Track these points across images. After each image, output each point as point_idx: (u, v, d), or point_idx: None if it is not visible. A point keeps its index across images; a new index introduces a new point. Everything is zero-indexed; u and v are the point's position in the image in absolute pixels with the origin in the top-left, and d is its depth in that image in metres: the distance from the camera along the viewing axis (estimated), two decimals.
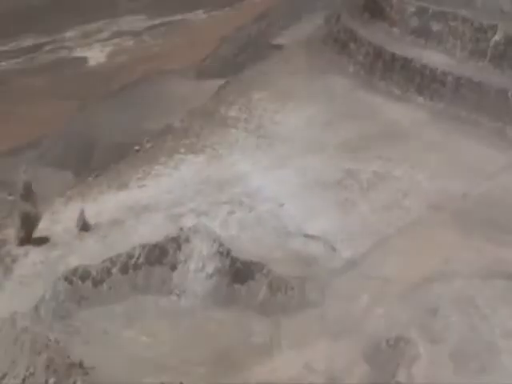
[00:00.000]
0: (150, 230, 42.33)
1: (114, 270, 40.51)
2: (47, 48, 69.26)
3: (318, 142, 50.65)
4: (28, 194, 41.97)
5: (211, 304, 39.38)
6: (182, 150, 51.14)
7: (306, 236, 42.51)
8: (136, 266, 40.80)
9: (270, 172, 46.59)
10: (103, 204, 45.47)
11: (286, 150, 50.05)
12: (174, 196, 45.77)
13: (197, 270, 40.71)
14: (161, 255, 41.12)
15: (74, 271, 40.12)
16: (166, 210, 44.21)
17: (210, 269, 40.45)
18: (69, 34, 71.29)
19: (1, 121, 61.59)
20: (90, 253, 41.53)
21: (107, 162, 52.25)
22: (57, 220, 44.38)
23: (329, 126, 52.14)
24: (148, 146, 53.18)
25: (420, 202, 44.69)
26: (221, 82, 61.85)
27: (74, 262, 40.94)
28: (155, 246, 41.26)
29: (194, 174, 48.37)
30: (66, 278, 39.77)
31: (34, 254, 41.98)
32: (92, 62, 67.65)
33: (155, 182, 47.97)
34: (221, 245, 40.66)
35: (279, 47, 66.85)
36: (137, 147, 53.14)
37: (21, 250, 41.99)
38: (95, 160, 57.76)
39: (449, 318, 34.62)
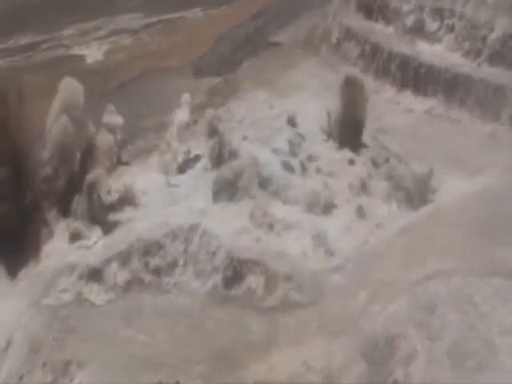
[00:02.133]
0: (147, 225, 42.50)
1: (113, 269, 40.57)
2: (44, 46, 69.05)
3: (315, 134, 50.68)
4: None
5: (209, 302, 39.40)
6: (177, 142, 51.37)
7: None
8: (134, 265, 40.84)
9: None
10: None
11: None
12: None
13: (194, 268, 40.76)
14: (158, 254, 41.16)
15: (73, 269, 40.22)
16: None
17: (207, 267, 40.47)
18: (66, 32, 71.15)
19: None
20: (89, 251, 41.67)
21: None
22: None
23: (326, 121, 52.02)
24: (142, 140, 53.38)
25: None
26: (218, 79, 61.94)
27: (73, 260, 41.05)
28: (153, 244, 41.32)
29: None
30: (65, 277, 39.88)
31: None
32: (89, 60, 67.53)
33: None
34: (218, 243, 40.70)
35: (277, 45, 66.93)
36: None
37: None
38: None
39: (447, 315, 34.54)
